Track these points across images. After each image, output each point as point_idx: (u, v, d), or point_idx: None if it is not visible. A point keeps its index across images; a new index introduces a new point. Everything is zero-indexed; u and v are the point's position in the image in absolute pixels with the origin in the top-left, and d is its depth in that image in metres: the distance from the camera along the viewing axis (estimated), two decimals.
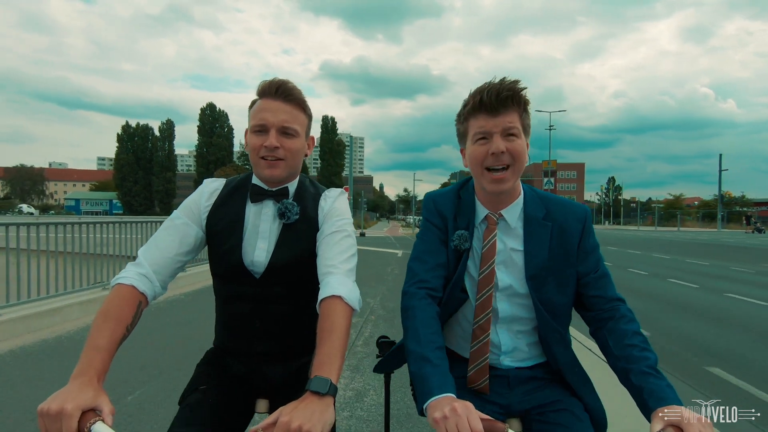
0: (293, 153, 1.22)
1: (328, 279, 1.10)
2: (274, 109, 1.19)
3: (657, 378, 1.00)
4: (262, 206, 1.25)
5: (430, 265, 1.21)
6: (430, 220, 1.29)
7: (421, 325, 1.10)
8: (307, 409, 0.84)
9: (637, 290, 8.85)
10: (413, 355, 1.06)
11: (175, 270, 1.20)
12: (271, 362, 1.27)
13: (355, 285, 1.13)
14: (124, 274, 1.12)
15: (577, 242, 1.20)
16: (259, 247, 1.22)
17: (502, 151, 1.12)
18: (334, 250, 1.16)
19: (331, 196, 1.30)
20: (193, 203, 1.27)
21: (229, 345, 1.30)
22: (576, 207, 1.25)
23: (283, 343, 1.27)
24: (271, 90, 1.20)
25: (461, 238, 1.21)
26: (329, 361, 0.94)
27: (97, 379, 0.92)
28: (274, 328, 1.25)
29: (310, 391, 0.88)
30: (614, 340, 1.11)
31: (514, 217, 1.22)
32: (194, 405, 1.17)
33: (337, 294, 1.05)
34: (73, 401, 0.84)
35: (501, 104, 1.12)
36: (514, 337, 1.24)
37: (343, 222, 1.23)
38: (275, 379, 1.27)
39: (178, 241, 1.20)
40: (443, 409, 0.90)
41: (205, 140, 75.41)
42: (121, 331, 1.03)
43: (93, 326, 1.01)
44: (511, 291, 1.21)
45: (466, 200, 1.26)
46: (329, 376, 0.91)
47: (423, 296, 1.17)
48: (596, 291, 1.19)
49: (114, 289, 1.09)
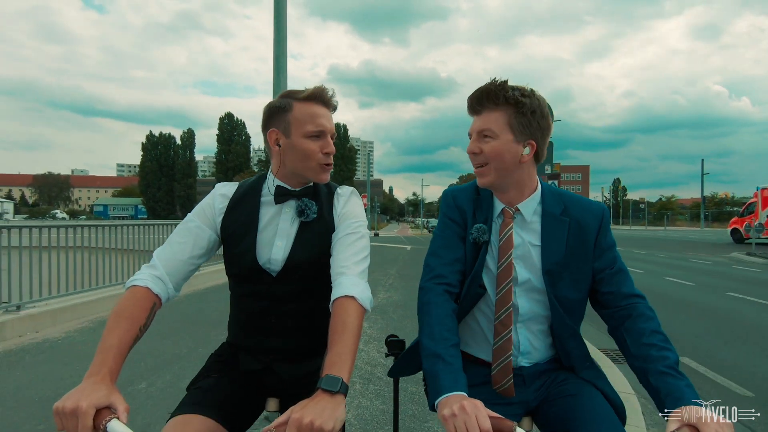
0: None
1: (341, 279, 1.13)
2: (328, 116, 1.25)
3: (675, 378, 0.98)
4: (283, 206, 1.28)
5: (447, 260, 1.22)
6: (448, 215, 1.30)
7: (436, 322, 1.11)
8: (318, 405, 0.85)
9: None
10: (426, 351, 1.08)
11: (188, 272, 1.22)
12: (283, 360, 1.29)
13: (368, 286, 1.15)
14: (139, 276, 1.14)
15: (594, 239, 1.21)
16: (277, 245, 1.25)
17: (474, 152, 1.17)
18: (347, 252, 1.19)
19: (344, 194, 1.33)
20: (208, 207, 1.29)
21: (242, 342, 1.32)
22: (594, 205, 1.26)
23: (296, 342, 1.29)
24: (325, 97, 1.25)
25: (480, 230, 1.22)
26: (341, 360, 0.96)
27: (110, 378, 0.94)
28: (289, 326, 1.27)
29: (321, 389, 0.89)
30: (632, 339, 1.10)
31: (530, 211, 1.23)
32: (204, 389, 1.20)
33: (350, 294, 1.07)
34: (87, 399, 0.86)
35: (479, 104, 1.17)
36: (533, 337, 1.25)
37: (357, 224, 1.25)
38: (287, 378, 1.28)
39: (192, 244, 1.22)
40: (452, 407, 0.91)
41: (224, 148, 79.83)
42: (135, 332, 1.04)
43: (107, 326, 1.02)
44: (529, 285, 1.21)
45: (485, 196, 1.28)
46: (341, 374, 0.92)
47: (440, 292, 1.18)
48: (611, 287, 1.19)
49: (128, 290, 1.11)
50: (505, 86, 1.15)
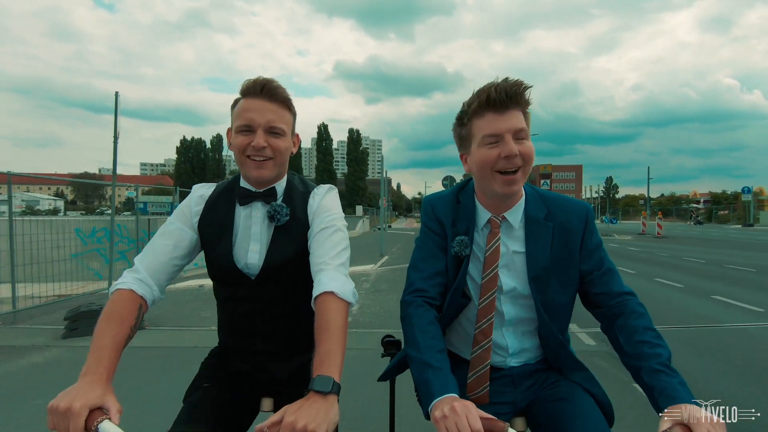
0: (281, 152, 1.21)
1: (320, 276, 1.11)
2: (260, 109, 1.18)
3: (668, 375, 0.97)
4: (251, 208, 1.25)
5: (427, 273, 1.21)
6: (428, 225, 1.28)
7: (419, 332, 1.11)
8: (311, 408, 0.85)
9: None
10: (414, 361, 1.08)
11: (171, 273, 1.21)
12: (273, 360, 1.28)
13: (348, 278, 1.12)
14: (122, 280, 1.13)
15: (579, 241, 1.19)
16: (252, 250, 1.23)
17: (515, 153, 1.09)
18: (324, 247, 1.16)
19: (320, 193, 1.29)
20: (185, 208, 1.27)
21: (231, 344, 1.31)
22: (577, 205, 1.23)
23: (284, 342, 1.28)
24: (256, 89, 1.19)
25: (461, 244, 1.20)
26: (329, 359, 0.95)
27: (106, 377, 0.93)
28: (275, 327, 1.26)
29: (313, 391, 0.88)
30: (625, 337, 1.09)
31: (517, 218, 1.20)
32: (197, 402, 1.19)
33: (329, 290, 1.05)
34: (80, 400, 0.85)
35: (510, 100, 1.10)
36: (521, 338, 1.24)
37: (332, 217, 1.22)
38: (279, 377, 1.28)
39: (173, 245, 1.21)
40: (443, 409, 0.91)
41: None
42: (126, 332, 1.04)
43: (96, 329, 1.02)
44: (515, 293, 1.20)
45: (466, 204, 1.24)
46: (331, 374, 0.91)
47: (420, 303, 1.17)
48: (601, 288, 1.18)
49: (113, 294, 1.11)
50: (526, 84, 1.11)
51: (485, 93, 1.11)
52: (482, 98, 1.11)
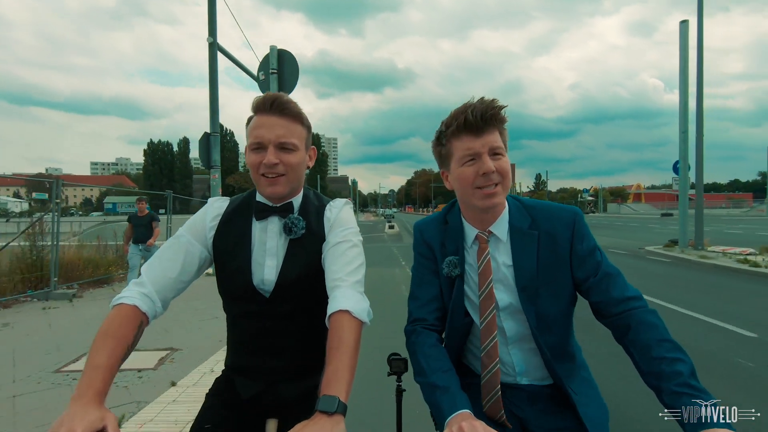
0: (293, 168, 1.20)
1: (335, 293, 1.10)
2: (270, 125, 1.18)
3: (691, 396, 0.90)
4: (267, 223, 1.24)
5: (424, 300, 1.23)
6: (419, 251, 1.29)
7: (423, 357, 1.12)
8: (316, 426, 0.85)
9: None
10: (423, 386, 1.09)
11: (177, 291, 1.19)
12: (284, 380, 1.25)
13: (364, 296, 1.12)
14: (127, 294, 1.11)
15: (568, 248, 1.16)
16: (268, 265, 1.22)
17: (492, 170, 1.11)
18: (339, 262, 1.15)
19: (336, 206, 1.28)
20: (199, 222, 1.26)
21: (241, 363, 1.28)
22: (563, 211, 1.20)
23: (297, 360, 1.26)
24: (266, 105, 1.19)
25: (450, 265, 1.21)
26: (336, 378, 0.94)
27: (98, 399, 0.91)
28: (288, 345, 1.24)
29: (319, 411, 0.88)
30: (639, 354, 1.02)
31: (503, 231, 1.20)
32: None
33: (344, 308, 1.05)
34: (80, 424, 0.83)
35: (486, 123, 1.12)
36: (527, 356, 1.21)
37: (348, 232, 1.21)
38: (287, 398, 1.25)
39: (182, 262, 1.19)
40: (451, 428, 0.92)
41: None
42: (122, 351, 1.01)
43: (93, 345, 0.99)
44: (511, 308, 1.18)
45: (453, 224, 1.25)
46: (338, 393, 0.91)
47: (420, 331, 1.19)
48: (600, 296, 1.13)
49: (115, 308, 1.08)
50: (500, 104, 1.13)
51: (462, 116, 1.12)
52: (460, 120, 1.13)
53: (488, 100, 1.13)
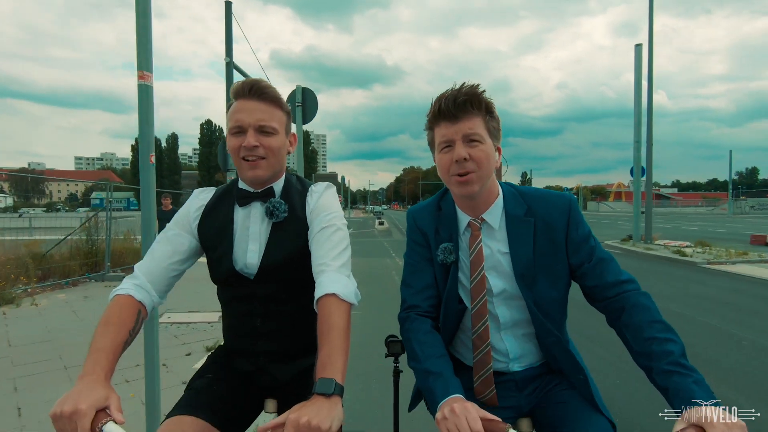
0: (274, 151, 1.21)
1: (321, 278, 1.10)
2: (250, 109, 1.18)
3: (682, 375, 0.93)
4: (250, 209, 1.26)
5: (417, 288, 1.23)
6: (412, 238, 1.28)
7: (417, 343, 1.13)
8: (315, 406, 0.86)
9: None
10: (416, 372, 1.10)
11: (171, 279, 1.22)
12: (277, 361, 1.28)
13: (351, 278, 1.12)
14: (121, 286, 1.13)
15: (564, 235, 1.17)
16: (251, 249, 1.23)
17: (464, 158, 1.10)
18: (325, 247, 1.16)
19: (317, 191, 1.28)
20: (185, 214, 1.29)
21: (235, 345, 1.31)
22: (558, 198, 1.21)
23: (287, 342, 1.27)
24: (245, 90, 1.19)
25: (445, 251, 1.20)
26: (331, 361, 0.95)
27: (105, 378, 0.93)
28: (277, 328, 1.26)
29: (316, 394, 0.89)
30: (632, 335, 1.05)
31: (496, 218, 1.20)
32: (199, 390, 1.20)
33: (330, 292, 1.05)
34: (86, 401, 0.85)
35: (459, 110, 1.10)
36: (521, 341, 1.23)
37: (331, 216, 1.21)
38: (283, 378, 1.28)
39: (171, 251, 1.22)
40: (444, 411, 0.93)
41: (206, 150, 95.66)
42: (125, 335, 1.03)
43: (95, 334, 1.01)
44: (506, 295, 1.19)
45: (447, 211, 1.25)
46: (333, 376, 0.92)
47: (414, 318, 1.19)
48: (594, 280, 1.15)
49: (112, 300, 1.11)
50: (480, 90, 1.12)
51: (438, 103, 1.13)
52: (435, 108, 1.14)
53: (467, 86, 1.13)
